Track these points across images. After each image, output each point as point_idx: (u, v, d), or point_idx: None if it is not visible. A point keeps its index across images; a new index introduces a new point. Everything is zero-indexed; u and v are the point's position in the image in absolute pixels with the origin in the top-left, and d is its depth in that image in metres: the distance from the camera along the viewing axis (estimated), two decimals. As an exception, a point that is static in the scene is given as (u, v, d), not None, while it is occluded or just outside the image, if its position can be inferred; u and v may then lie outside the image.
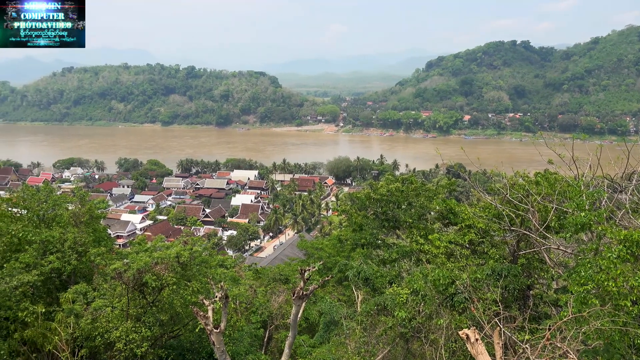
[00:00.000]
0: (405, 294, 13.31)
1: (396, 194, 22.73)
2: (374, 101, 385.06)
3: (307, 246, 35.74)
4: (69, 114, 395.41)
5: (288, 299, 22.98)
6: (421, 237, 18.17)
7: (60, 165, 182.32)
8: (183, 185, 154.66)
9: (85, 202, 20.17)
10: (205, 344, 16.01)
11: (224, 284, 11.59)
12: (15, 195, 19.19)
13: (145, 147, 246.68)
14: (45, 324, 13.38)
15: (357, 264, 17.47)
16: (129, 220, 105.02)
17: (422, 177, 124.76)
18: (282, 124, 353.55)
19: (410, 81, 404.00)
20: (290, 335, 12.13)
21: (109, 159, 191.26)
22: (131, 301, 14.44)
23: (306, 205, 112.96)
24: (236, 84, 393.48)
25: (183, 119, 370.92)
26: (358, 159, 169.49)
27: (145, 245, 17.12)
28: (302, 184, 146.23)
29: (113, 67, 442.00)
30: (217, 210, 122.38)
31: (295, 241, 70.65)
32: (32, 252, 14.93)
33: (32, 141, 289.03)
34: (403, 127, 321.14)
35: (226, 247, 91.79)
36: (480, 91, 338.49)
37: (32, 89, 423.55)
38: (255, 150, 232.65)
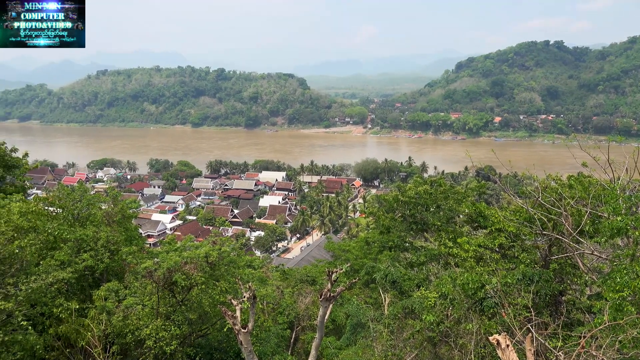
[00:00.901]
0: (434, 297, 13.17)
1: (424, 196, 22.53)
2: (402, 103, 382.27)
3: (334, 248, 35.72)
4: (103, 116, 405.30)
5: (315, 300, 23.00)
6: (450, 240, 17.94)
7: (94, 165, 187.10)
8: (212, 186, 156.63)
9: (118, 201, 20.61)
10: (233, 344, 16.15)
11: (252, 284, 11.68)
12: (51, 194, 19.73)
13: (175, 148, 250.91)
14: (78, 320, 13.70)
15: (384, 267, 17.37)
16: (160, 220, 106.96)
17: (451, 180, 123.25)
18: (310, 126, 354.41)
19: (440, 82, 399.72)
20: (317, 337, 12.12)
21: (141, 160, 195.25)
22: (161, 300, 14.67)
23: (333, 207, 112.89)
24: (265, 86, 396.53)
25: (212, 121, 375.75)
26: (386, 160, 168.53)
27: (175, 244, 17.39)
28: (330, 186, 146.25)
29: (145, 69, 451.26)
30: (245, 211, 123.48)
31: (322, 243, 70.70)
32: (67, 250, 15.32)
33: (67, 142, 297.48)
34: (432, 129, 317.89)
35: (254, 247, 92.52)
36: (512, 92, 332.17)
37: (67, 92, 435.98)
38: (283, 152, 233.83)
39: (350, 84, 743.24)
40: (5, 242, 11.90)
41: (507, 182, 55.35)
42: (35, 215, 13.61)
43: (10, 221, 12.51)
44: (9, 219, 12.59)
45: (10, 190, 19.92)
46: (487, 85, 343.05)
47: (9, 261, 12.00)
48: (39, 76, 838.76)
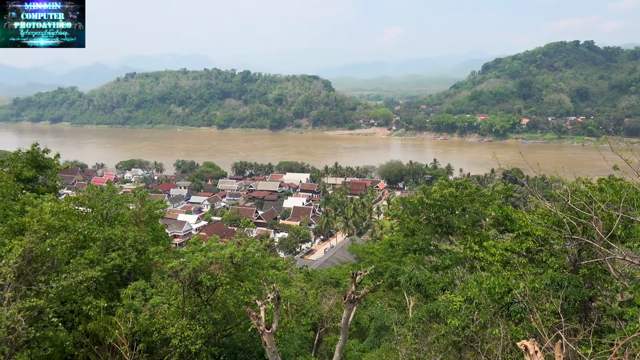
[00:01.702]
0: (459, 301, 13.00)
1: (450, 199, 22.28)
2: (427, 104, 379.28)
3: (358, 250, 35.62)
4: (131, 118, 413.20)
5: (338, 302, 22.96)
6: (475, 243, 17.67)
7: (122, 166, 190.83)
8: (237, 187, 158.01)
9: (145, 202, 20.96)
10: (257, 344, 16.24)
11: (276, 285, 11.72)
12: (81, 194, 20.18)
13: (201, 150, 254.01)
14: (106, 317, 13.96)
15: (409, 270, 17.22)
16: (185, 221, 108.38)
17: (477, 182, 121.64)
18: (334, 128, 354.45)
19: (466, 84, 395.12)
20: (341, 339, 12.09)
21: (167, 161, 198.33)
22: (187, 299, 14.84)
23: (357, 209, 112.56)
24: (290, 88, 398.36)
25: (238, 123, 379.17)
26: (410, 163, 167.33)
27: (200, 245, 17.58)
28: (354, 188, 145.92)
29: (173, 72, 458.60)
30: (270, 212, 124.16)
31: (346, 245, 70.59)
32: (96, 249, 15.65)
33: (97, 143, 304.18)
34: (457, 131, 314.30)
35: (278, 248, 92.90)
36: (540, 94, 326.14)
37: (97, 94, 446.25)
38: (307, 154, 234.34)
39: (375, 86, 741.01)
40: (38, 241, 12.21)
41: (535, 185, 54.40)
42: (66, 214, 13.92)
43: (42, 220, 12.83)
44: (41, 218, 12.91)
45: (42, 190, 20.44)
46: (515, 86, 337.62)
47: (41, 259, 12.31)
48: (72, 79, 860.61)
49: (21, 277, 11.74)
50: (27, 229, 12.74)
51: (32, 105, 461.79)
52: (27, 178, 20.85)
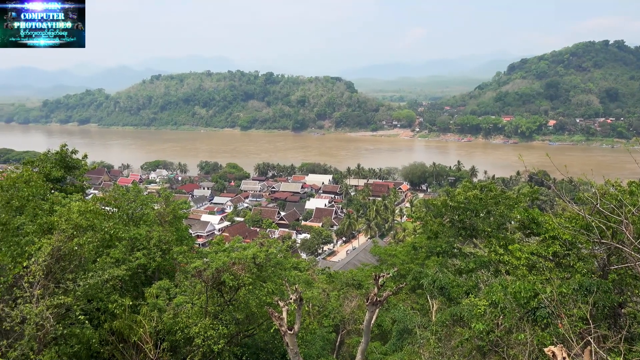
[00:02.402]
0: (484, 305, 12.80)
1: (474, 201, 21.98)
2: (451, 106, 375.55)
3: (381, 252, 35.46)
4: (156, 119, 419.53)
5: (360, 304, 22.87)
6: (500, 247, 17.41)
7: (147, 167, 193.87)
8: (259, 188, 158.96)
9: (170, 202, 21.20)
10: (279, 345, 16.27)
11: (298, 286, 11.72)
12: (107, 194, 20.53)
13: (224, 151, 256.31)
14: (131, 316, 14.14)
15: (432, 272, 17.05)
16: (208, 221, 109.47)
17: (502, 185, 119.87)
18: (357, 129, 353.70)
19: (491, 85, 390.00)
20: (363, 341, 12.03)
21: (191, 162, 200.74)
22: (210, 299, 14.95)
23: (380, 211, 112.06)
24: (312, 90, 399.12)
25: (261, 124, 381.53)
26: (434, 164, 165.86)
27: (223, 245, 17.70)
28: (376, 189, 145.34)
29: (197, 74, 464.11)
30: (292, 213, 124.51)
31: (368, 246, 70.33)
32: (122, 248, 15.90)
33: (122, 144, 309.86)
34: (482, 133, 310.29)
35: (300, 250, 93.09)
36: (567, 95, 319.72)
37: (123, 96, 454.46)
38: (329, 155, 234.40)
39: (397, 87, 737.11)
40: (66, 240, 12.46)
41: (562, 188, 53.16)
42: (93, 214, 14.17)
43: (70, 219, 13.08)
44: (69, 218, 13.17)
45: (70, 190, 20.86)
46: (541, 87, 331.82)
47: (68, 258, 12.56)
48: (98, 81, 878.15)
49: (50, 275, 11.99)
50: (56, 228, 13.01)
51: (61, 107, 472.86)
52: (56, 178, 21.30)
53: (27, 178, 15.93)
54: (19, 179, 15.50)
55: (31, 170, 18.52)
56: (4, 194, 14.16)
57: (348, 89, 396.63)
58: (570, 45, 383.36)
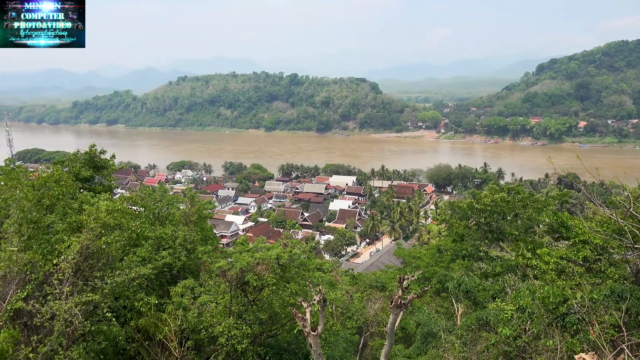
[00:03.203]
0: (510, 310, 12.54)
1: (501, 204, 21.62)
2: (478, 107, 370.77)
3: (405, 254, 35.17)
4: (182, 120, 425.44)
5: (384, 306, 22.72)
6: (528, 251, 17.05)
7: (173, 167, 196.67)
8: (283, 189, 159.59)
9: (195, 202, 21.42)
10: (302, 346, 16.26)
11: (322, 287, 11.67)
12: (134, 194, 20.85)
13: (248, 152, 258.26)
14: (157, 314, 14.30)
15: (457, 276, 16.81)
16: (233, 221, 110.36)
17: (530, 188, 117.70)
18: (381, 130, 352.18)
19: (519, 86, 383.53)
20: (387, 344, 11.91)
21: (216, 162, 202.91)
22: (234, 299, 15.03)
23: (404, 213, 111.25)
24: (337, 91, 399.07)
25: (285, 125, 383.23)
26: (460, 166, 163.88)
27: (247, 245, 17.80)
28: (401, 191, 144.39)
29: (222, 75, 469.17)
30: (315, 214, 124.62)
31: (392, 249, 69.88)
32: (148, 247, 16.09)
33: (149, 145, 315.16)
34: (509, 134, 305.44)
35: (323, 251, 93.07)
36: (599, 95, 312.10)
37: (150, 97, 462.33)
38: (353, 156, 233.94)
39: (423, 88, 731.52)
40: (94, 238, 12.67)
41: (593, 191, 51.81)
42: (121, 213, 14.38)
43: (98, 218, 13.31)
44: (97, 217, 13.40)
45: (98, 190, 21.26)
46: (571, 88, 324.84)
47: (96, 256, 12.78)
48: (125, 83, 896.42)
49: (78, 272, 12.22)
50: (85, 226, 13.24)
51: (90, 108, 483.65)
52: (85, 178, 21.74)
53: (58, 177, 16.26)
54: (50, 178, 15.84)
55: (61, 169, 18.93)
56: (36, 193, 14.48)
57: (372, 90, 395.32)
58: (602, 44, 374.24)
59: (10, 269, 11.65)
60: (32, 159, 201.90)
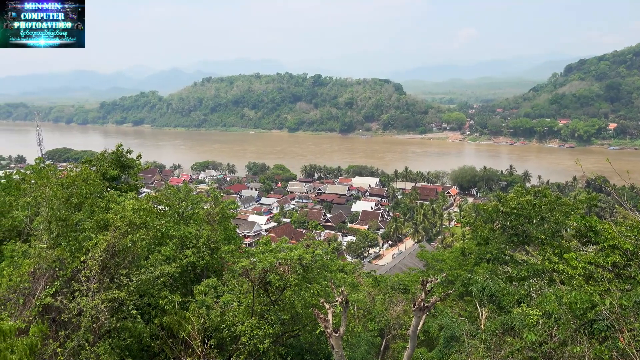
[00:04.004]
0: (536, 315, 12.30)
1: (527, 207, 21.25)
2: (504, 108, 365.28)
3: (428, 257, 34.86)
4: (206, 121, 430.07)
5: (406, 309, 22.55)
6: (555, 255, 16.71)
7: (197, 167, 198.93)
8: (306, 190, 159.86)
9: (219, 202, 21.65)
10: (324, 346, 16.24)
11: (344, 288, 11.65)
12: (159, 193, 21.17)
13: (271, 152, 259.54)
14: (180, 312, 14.47)
15: (482, 279, 16.57)
16: (255, 221, 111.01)
17: (557, 191, 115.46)
18: (405, 132, 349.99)
19: (546, 87, 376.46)
20: (409, 347, 11.82)
21: (239, 163, 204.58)
22: (256, 298, 15.11)
23: (427, 215, 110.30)
24: (360, 92, 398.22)
25: (308, 126, 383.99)
26: (484, 168, 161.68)
27: (270, 246, 17.89)
28: (424, 193, 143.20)
29: (246, 76, 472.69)
30: (338, 215, 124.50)
31: (414, 251, 69.37)
32: (172, 246, 16.33)
33: (173, 145, 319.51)
34: (536, 136, 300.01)
35: (345, 252, 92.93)
36: (630, 97, 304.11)
37: (176, 98, 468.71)
38: (376, 158, 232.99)
39: (447, 89, 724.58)
40: (120, 236, 12.91)
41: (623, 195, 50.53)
42: (146, 212, 14.59)
43: (124, 217, 13.54)
44: (123, 215, 13.64)
45: (125, 189, 21.64)
46: (601, 89, 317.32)
47: (122, 254, 13.00)
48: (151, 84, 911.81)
49: (105, 270, 12.45)
50: (111, 224, 13.49)
51: (117, 108, 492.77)
52: (111, 177, 22.16)
53: (86, 176, 16.60)
54: (78, 177, 16.17)
55: (89, 169, 19.31)
56: (64, 192, 14.80)
57: (396, 91, 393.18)
58: (634, 44, 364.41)
59: (40, 265, 11.95)
60: (61, 158, 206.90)
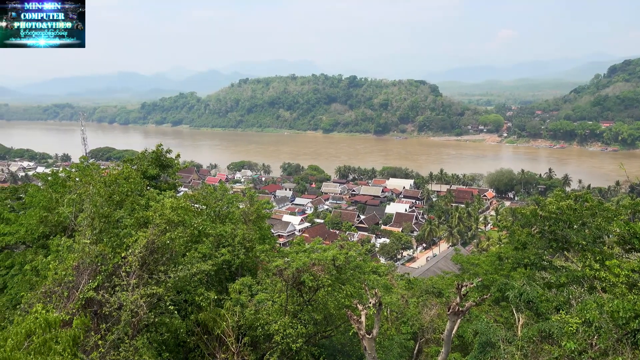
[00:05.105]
0: (576, 323, 11.97)
1: (567, 212, 20.66)
2: (543, 110, 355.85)
3: (463, 261, 34.31)
4: (243, 121, 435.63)
5: (440, 313, 22.26)
6: (596, 262, 16.21)
7: (233, 167, 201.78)
8: (340, 191, 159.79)
9: (254, 202, 21.89)
10: (356, 348, 16.22)
11: (378, 290, 11.62)
12: (196, 192, 21.60)
13: (305, 153, 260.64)
14: (215, 309, 14.74)
15: (519, 285, 16.22)
16: (289, 221, 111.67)
17: (599, 195, 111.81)
18: (440, 133, 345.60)
19: (588, 88, 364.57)
20: (443, 352, 11.70)
21: (274, 163, 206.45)
22: (289, 298, 15.22)
23: (463, 218, 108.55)
24: (395, 93, 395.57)
25: (343, 127, 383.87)
26: (522, 172, 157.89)
27: (303, 246, 17.98)
28: (460, 196, 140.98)
29: (282, 77, 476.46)
30: (371, 217, 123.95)
31: (449, 254, 68.39)
32: (209, 244, 16.63)
33: (210, 145, 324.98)
34: (577, 139, 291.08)
35: (378, 254, 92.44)
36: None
37: (213, 99, 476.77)
38: (410, 160, 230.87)
39: (485, 90, 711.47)
40: (159, 233, 13.25)
41: (668, 201, 48.67)
42: (184, 210, 14.89)
43: (163, 215, 13.88)
44: (162, 213, 13.97)
45: (164, 187, 22.16)
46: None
47: (161, 251, 13.33)
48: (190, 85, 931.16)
49: (144, 266, 12.81)
50: (151, 222, 13.86)
51: (157, 109, 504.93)
52: (151, 175, 22.75)
53: (127, 175, 17.10)
54: (120, 175, 16.68)
55: (130, 167, 19.89)
56: (107, 189, 15.30)
57: (432, 92, 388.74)
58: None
59: (83, 260, 12.40)
60: (104, 156, 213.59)
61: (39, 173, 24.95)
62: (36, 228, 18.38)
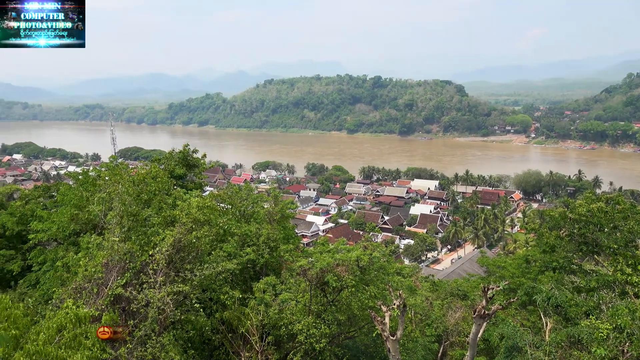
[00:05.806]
0: (606, 329, 11.68)
1: (598, 214, 20.16)
2: (573, 110, 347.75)
3: (489, 263, 33.81)
4: (268, 122, 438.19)
5: (465, 316, 22.02)
6: (628, 266, 15.78)
7: (257, 167, 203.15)
8: (364, 192, 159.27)
9: (278, 202, 22.01)
10: (380, 349, 16.16)
11: (402, 292, 11.55)
12: (222, 192, 21.83)
13: (330, 154, 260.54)
14: (240, 308, 14.88)
15: (547, 289, 15.90)
16: (313, 222, 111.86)
17: (631, 198, 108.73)
18: (466, 134, 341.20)
19: (621, 88, 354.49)
20: (469, 355, 11.56)
21: (298, 163, 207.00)
22: (313, 298, 15.26)
23: (489, 220, 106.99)
24: (420, 93, 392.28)
25: (367, 127, 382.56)
26: (551, 173, 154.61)
27: (327, 246, 18.00)
28: (485, 197, 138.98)
29: (307, 78, 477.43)
30: (396, 218, 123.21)
31: (474, 256, 67.55)
32: (234, 243, 16.79)
33: (235, 145, 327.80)
34: (608, 140, 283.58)
35: (403, 255, 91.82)
36: None
37: (239, 99, 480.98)
38: (435, 160, 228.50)
39: (512, 90, 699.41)
40: (186, 232, 13.44)
41: None
42: (210, 210, 15.05)
43: (190, 214, 14.08)
44: (189, 212, 14.18)
45: (190, 187, 22.49)
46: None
47: (187, 249, 13.53)
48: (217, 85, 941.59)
49: (171, 264, 13.02)
50: (177, 221, 14.07)
51: (184, 109, 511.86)
52: (178, 175, 23.11)
53: (155, 174, 17.39)
54: (148, 175, 16.97)
55: (158, 167, 20.24)
56: (135, 188, 15.59)
57: (458, 93, 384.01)
58: None
59: (112, 257, 12.67)
60: (132, 156, 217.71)
61: (71, 172, 25.60)
62: (67, 225, 18.87)
